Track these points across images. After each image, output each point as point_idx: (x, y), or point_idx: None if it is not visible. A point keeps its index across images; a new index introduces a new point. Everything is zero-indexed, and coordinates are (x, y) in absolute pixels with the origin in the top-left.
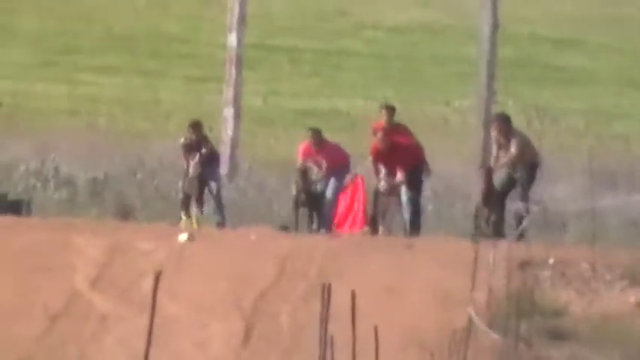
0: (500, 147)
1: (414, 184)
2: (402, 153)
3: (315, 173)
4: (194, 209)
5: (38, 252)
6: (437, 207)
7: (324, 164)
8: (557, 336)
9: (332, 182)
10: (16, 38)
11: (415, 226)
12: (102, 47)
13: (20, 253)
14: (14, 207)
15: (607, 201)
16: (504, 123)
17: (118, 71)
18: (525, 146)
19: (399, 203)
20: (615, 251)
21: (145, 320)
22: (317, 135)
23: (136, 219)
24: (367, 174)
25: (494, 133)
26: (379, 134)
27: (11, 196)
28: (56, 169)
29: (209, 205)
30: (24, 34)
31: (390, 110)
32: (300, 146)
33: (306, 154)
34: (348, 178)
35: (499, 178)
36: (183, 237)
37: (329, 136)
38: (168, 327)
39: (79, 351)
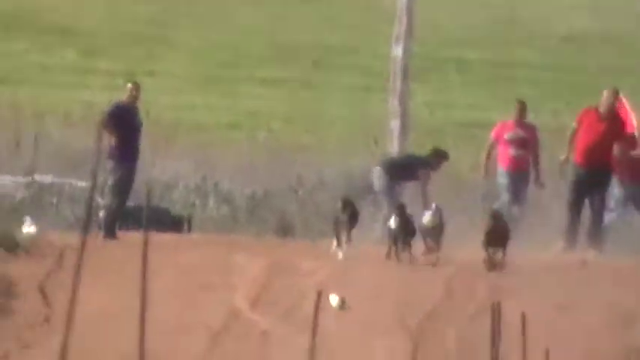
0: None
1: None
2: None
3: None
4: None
5: (199, 269)
6: (613, 223)
7: (524, 136)
8: None
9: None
10: (177, 52)
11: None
12: (264, 59)
13: (182, 271)
14: (176, 224)
15: None
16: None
17: (280, 84)
18: None
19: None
20: None
21: (306, 339)
22: (524, 105)
23: (295, 237)
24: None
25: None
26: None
27: (172, 213)
28: (216, 185)
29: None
30: (184, 48)
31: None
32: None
33: (502, 131)
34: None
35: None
36: (334, 300)
37: None
38: (331, 346)
39: None
